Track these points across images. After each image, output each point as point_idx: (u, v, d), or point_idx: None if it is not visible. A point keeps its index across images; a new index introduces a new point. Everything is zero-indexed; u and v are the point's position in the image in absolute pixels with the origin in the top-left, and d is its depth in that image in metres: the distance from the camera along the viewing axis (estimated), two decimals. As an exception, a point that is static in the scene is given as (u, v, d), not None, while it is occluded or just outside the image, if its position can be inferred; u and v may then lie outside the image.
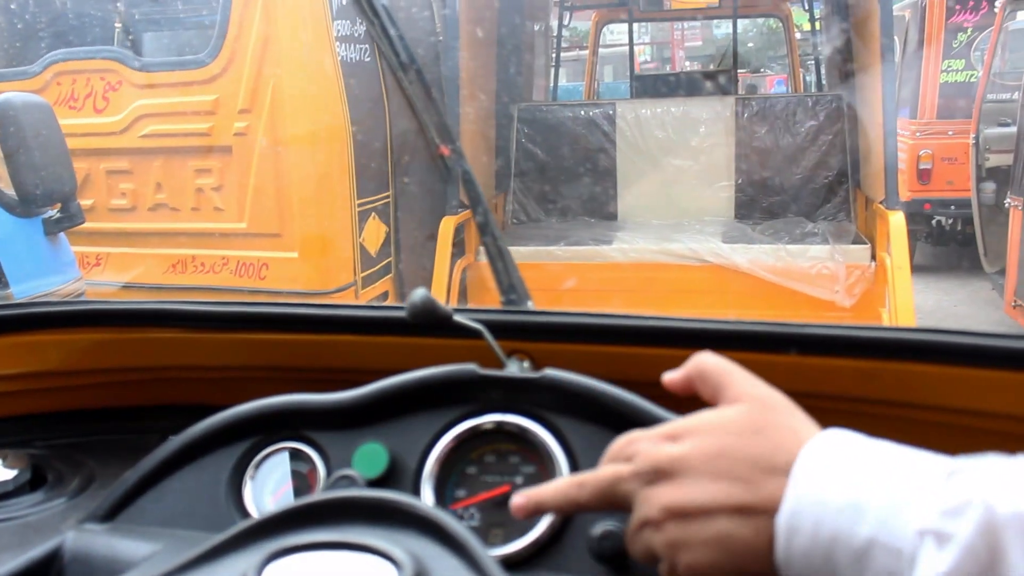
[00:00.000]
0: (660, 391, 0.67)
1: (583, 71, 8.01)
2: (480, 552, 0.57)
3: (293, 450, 0.80)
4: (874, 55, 3.47)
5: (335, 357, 0.94)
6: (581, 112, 4.63)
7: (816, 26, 6.60)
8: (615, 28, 9.90)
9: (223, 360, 0.98)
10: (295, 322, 0.94)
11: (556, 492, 0.62)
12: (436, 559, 0.57)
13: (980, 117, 5.79)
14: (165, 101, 3.46)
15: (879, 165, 3.42)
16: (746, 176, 4.40)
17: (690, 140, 4.47)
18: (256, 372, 0.97)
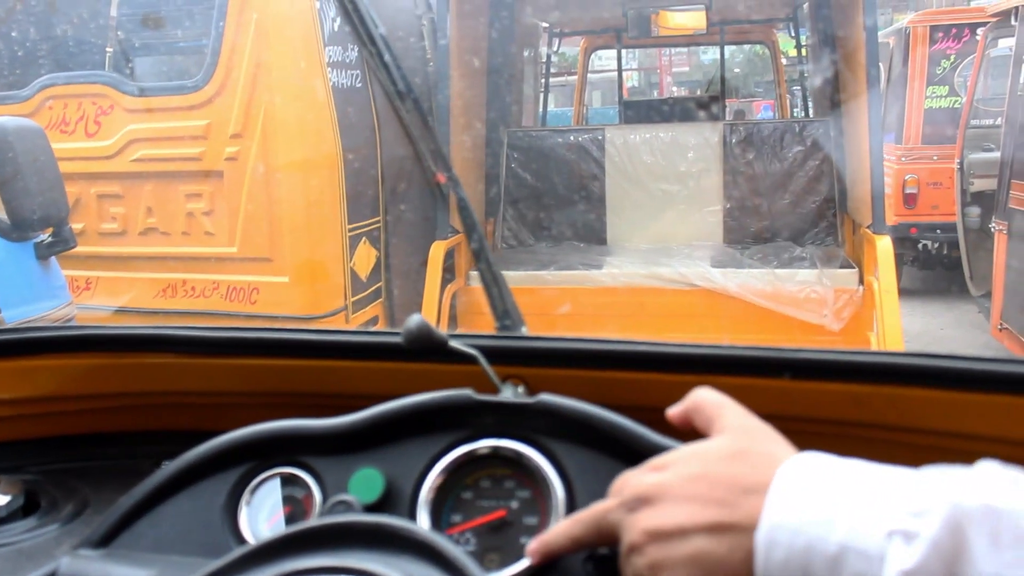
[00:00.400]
0: (653, 416, 0.68)
1: (571, 97, 8.05)
2: (478, 576, 0.57)
3: (289, 475, 0.80)
4: (860, 82, 3.51)
5: (330, 382, 0.94)
6: (571, 137, 4.65)
7: (803, 52, 6.67)
8: (603, 54, 9.98)
9: (218, 385, 0.98)
10: (290, 348, 0.94)
11: (559, 533, 0.66)
12: (434, 584, 0.57)
13: (964, 143, 5.84)
14: (157, 126, 3.47)
15: (866, 190, 3.45)
16: (735, 201, 4.42)
17: (679, 165, 4.49)
18: (251, 397, 0.97)
